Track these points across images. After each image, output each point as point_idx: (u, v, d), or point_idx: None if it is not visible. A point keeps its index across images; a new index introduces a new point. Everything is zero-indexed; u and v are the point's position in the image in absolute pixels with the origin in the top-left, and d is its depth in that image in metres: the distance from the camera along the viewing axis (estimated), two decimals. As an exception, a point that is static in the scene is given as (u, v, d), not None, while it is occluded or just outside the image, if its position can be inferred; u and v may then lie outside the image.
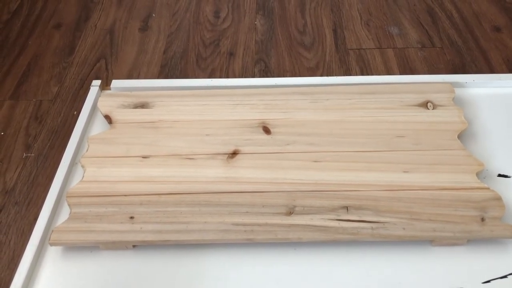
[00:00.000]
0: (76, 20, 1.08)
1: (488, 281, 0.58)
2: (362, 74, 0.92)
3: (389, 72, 0.92)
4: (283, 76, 0.92)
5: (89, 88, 0.83)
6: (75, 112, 0.87)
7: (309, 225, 0.61)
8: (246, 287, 0.58)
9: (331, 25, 1.02)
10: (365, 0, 1.08)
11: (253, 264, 0.60)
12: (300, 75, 0.92)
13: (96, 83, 0.83)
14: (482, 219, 0.61)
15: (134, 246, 0.62)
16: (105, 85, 0.85)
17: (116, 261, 0.61)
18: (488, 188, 0.64)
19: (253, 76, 0.92)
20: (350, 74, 0.92)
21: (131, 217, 0.63)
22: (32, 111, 0.86)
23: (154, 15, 1.09)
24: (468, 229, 0.60)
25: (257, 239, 0.60)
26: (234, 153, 0.70)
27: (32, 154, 0.79)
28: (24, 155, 0.79)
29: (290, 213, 0.62)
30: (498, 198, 0.63)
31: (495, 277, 0.58)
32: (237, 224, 0.61)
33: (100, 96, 0.80)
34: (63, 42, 1.02)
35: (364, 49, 0.96)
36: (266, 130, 0.73)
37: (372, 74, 0.92)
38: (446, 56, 0.95)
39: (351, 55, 0.95)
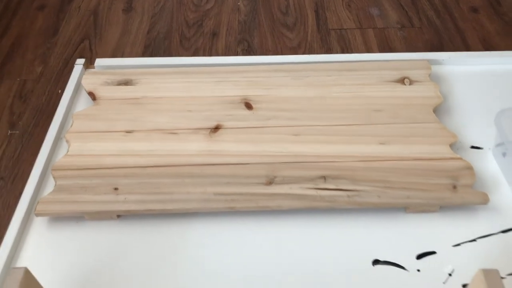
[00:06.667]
0: (59, 1, 1.08)
1: (458, 244, 0.61)
2: (343, 53, 0.94)
3: (369, 51, 0.95)
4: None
5: (73, 67, 0.83)
6: (59, 91, 0.88)
7: (288, 193, 0.63)
8: (228, 253, 0.61)
9: (313, 6, 1.04)
10: (347, -18, 1.10)
11: (235, 231, 0.62)
12: (282, 55, 0.94)
13: (81, 61, 0.84)
14: (454, 187, 0.64)
15: (118, 216, 0.64)
16: (89, 65, 0.86)
17: (101, 230, 0.63)
18: (460, 158, 0.67)
19: (236, 56, 0.94)
20: (331, 53, 0.94)
21: (115, 189, 0.64)
22: (16, 90, 0.87)
23: (138, -4, 1.10)
24: (440, 196, 0.63)
25: (238, 208, 0.62)
26: (217, 128, 0.72)
27: (17, 132, 0.80)
28: (9, 132, 0.79)
29: (270, 183, 0.64)
30: (470, 168, 0.66)
31: (465, 241, 0.61)
32: (219, 194, 0.63)
33: (84, 74, 0.81)
34: (47, 23, 1.03)
35: (345, 29, 0.98)
36: (248, 106, 0.75)
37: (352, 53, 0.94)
38: (425, 36, 0.97)
39: (332, 35, 0.97)
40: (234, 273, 0.59)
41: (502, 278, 0.57)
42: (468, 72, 0.82)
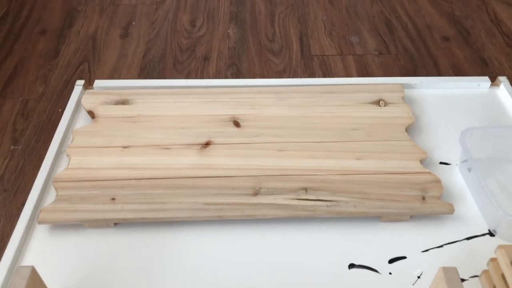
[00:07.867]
0: (60, 26, 1.15)
1: (427, 250, 0.67)
2: (325, 78, 1.01)
3: (348, 76, 1.02)
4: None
5: (73, 88, 0.89)
6: (59, 110, 0.93)
7: (272, 203, 0.69)
8: (216, 259, 0.66)
9: (298, 34, 1.12)
10: (329, 12, 1.19)
11: (223, 238, 0.68)
12: (268, 78, 1.01)
13: (80, 82, 0.89)
14: (423, 198, 0.70)
15: (115, 224, 0.69)
16: (88, 85, 0.92)
17: (99, 237, 0.68)
18: (429, 172, 0.73)
19: (226, 78, 1.01)
20: (313, 77, 1.01)
21: (113, 199, 0.69)
22: (19, 109, 0.92)
23: (134, 23, 1.17)
24: (411, 206, 0.69)
25: (226, 216, 0.68)
26: (207, 144, 0.78)
27: (20, 147, 0.85)
28: (12, 147, 0.84)
29: (256, 194, 0.70)
30: (438, 181, 0.72)
31: (433, 247, 0.67)
32: (209, 204, 0.69)
33: (84, 94, 0.87)
34: (48, 46, 1.09)
35: (327, 55, 1.06)
36: (236, 124, 0.81)
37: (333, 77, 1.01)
38: (400, 62, 1.05)
39: (315, 61, 1.04)
40: (222, 277, 0.64)
41: (465, 280, 0.63)
42: (438, 95, 0.89)
